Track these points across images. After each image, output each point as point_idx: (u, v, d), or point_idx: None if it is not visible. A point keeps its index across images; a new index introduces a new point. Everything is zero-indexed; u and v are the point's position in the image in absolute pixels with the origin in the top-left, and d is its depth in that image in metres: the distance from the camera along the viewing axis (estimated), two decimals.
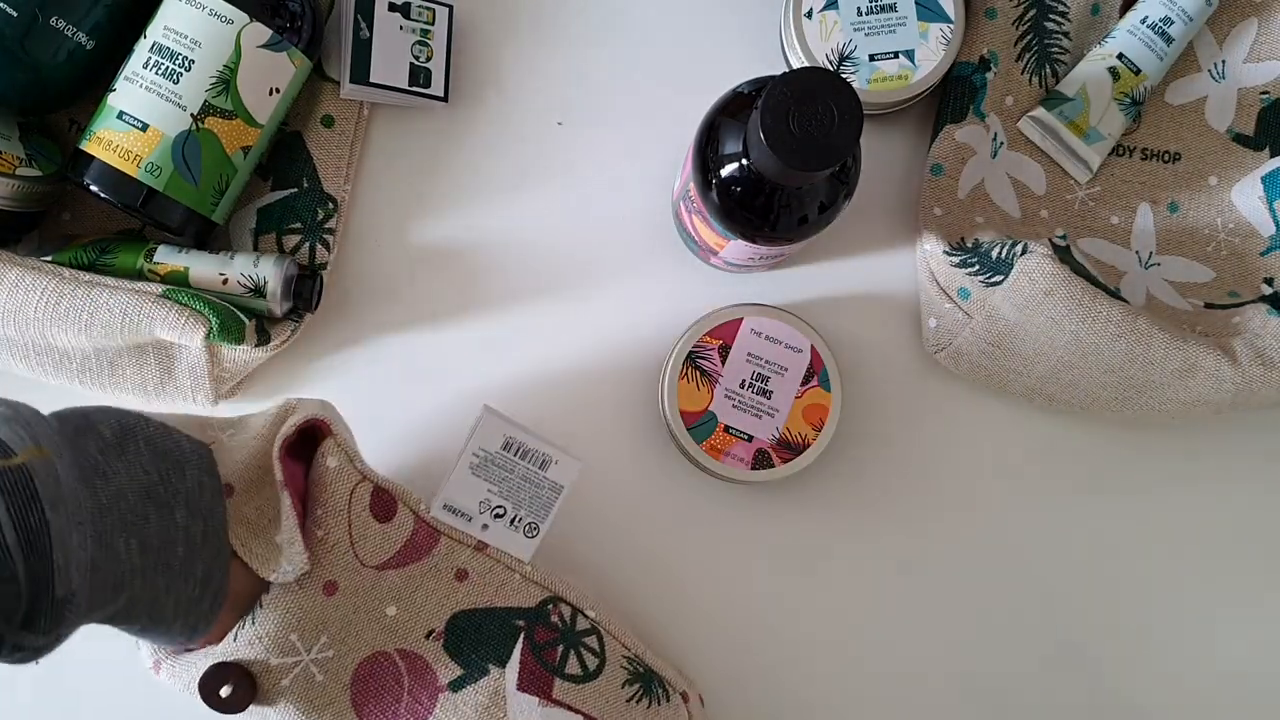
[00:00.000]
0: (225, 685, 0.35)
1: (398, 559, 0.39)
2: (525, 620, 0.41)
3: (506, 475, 0.42)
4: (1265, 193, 0.53)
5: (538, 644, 0.41)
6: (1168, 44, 0.52)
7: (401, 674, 0.39)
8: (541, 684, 0.41)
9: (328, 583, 0.37)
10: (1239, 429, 0.54)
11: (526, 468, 0.42)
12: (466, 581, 0.40)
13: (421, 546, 0.39)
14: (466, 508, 0.41)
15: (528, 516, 0.42)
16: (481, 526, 0.41)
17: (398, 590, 0.39)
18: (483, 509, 0.41)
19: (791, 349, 0.50)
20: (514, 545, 0.41)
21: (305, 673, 0.36)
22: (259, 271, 0.49)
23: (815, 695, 0.52)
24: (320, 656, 0.37)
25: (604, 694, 0.41)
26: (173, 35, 0.46)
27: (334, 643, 0.37)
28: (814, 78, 0.38)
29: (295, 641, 0.36)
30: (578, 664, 0.41)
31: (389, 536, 0.38)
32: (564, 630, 0.42)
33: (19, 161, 0.47)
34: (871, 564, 0.53)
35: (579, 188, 0.54)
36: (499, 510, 0.41)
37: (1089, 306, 0.47)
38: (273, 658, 0.36)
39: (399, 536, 0.39)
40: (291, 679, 0.36)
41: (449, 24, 0.53)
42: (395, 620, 0.38)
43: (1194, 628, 0.53)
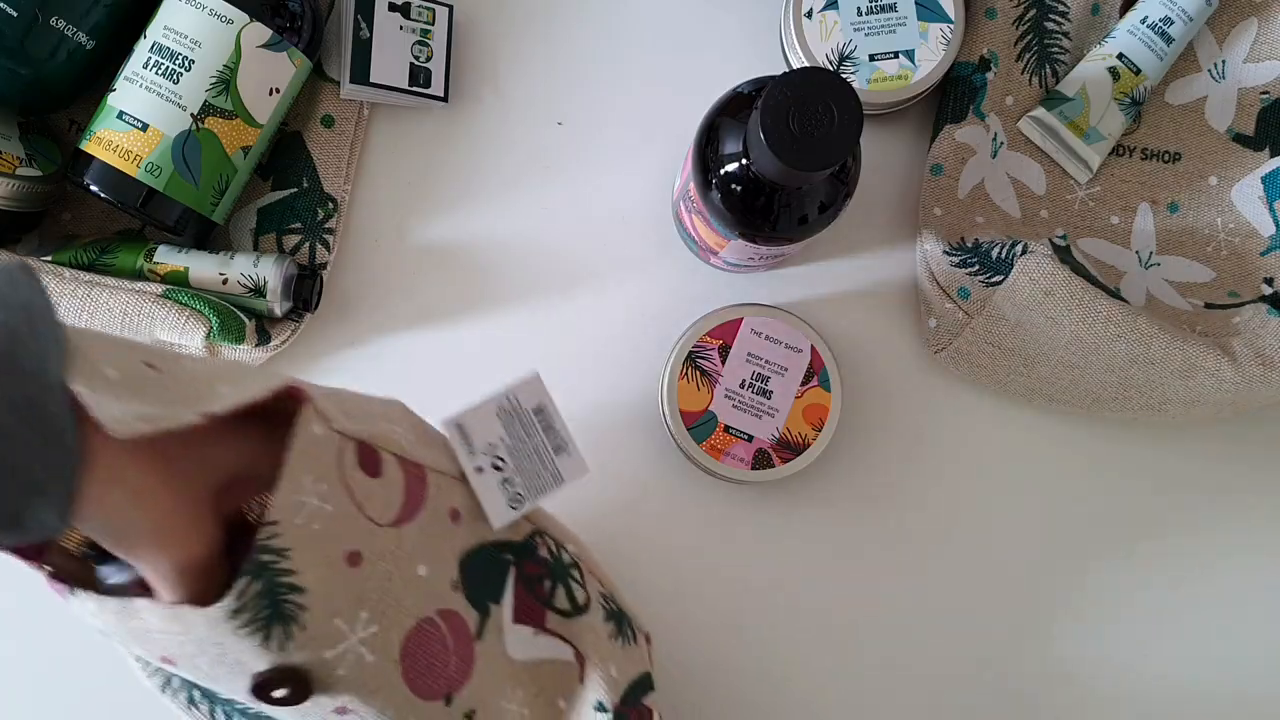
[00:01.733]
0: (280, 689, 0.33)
1: (406, 511, 0.36)
2: (513, 554, 0.40)
3: (523, 438, 0.40)
4: (1265, 193, 0.53)
5: (528, 576, 0.40)
6: (1168, 44, 0.52)
7: (445, 636, 0.37)
8: (535, 615, 0.40)
9: (349, 554, 0.34)
10: (1239, 429, 0.54)
11: (543, 442, 0.41)
12: (460, 521, 0.39)
13: (418, 493, 0.37)
14: (475, 439, 0.39)
15: (520, 486, 0.40)
16: (476, 468, 0.39)
17: (420, 546, 0.37)
18: (487, 450, 0.40)
19: (791, 349, 0.50)
20: (494, 505, 0.40)
21: (356, 655, 0.34)
22: (259, 271, 0.49)
23: (815, 693, 0.52)
24: (366, 634, 0.34)
25: (589, 629, 0.41)
26: (173, 35, 0.46)
27: (376, 617, 0.35)
28: (814, 78, 0.38)
29: (340, 626, 0.34)
30: (566, 598, 0.41)
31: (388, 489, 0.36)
32: (552, 564, 0.41)
33: (19, 161, 0.47)
34: (871, 563, 0.53)
35: (579, 188, 0.54)
36: (499, 462, 0.40)
37: (1089, 306, 0.47)
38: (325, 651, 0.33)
39: (396, 487, 0.36)
40: (346, 668, 0.34)
41: (449, 24, 0.53)
42: (428, 579, 0.37)
43: (1194, 627, 0.53)
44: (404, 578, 0.36)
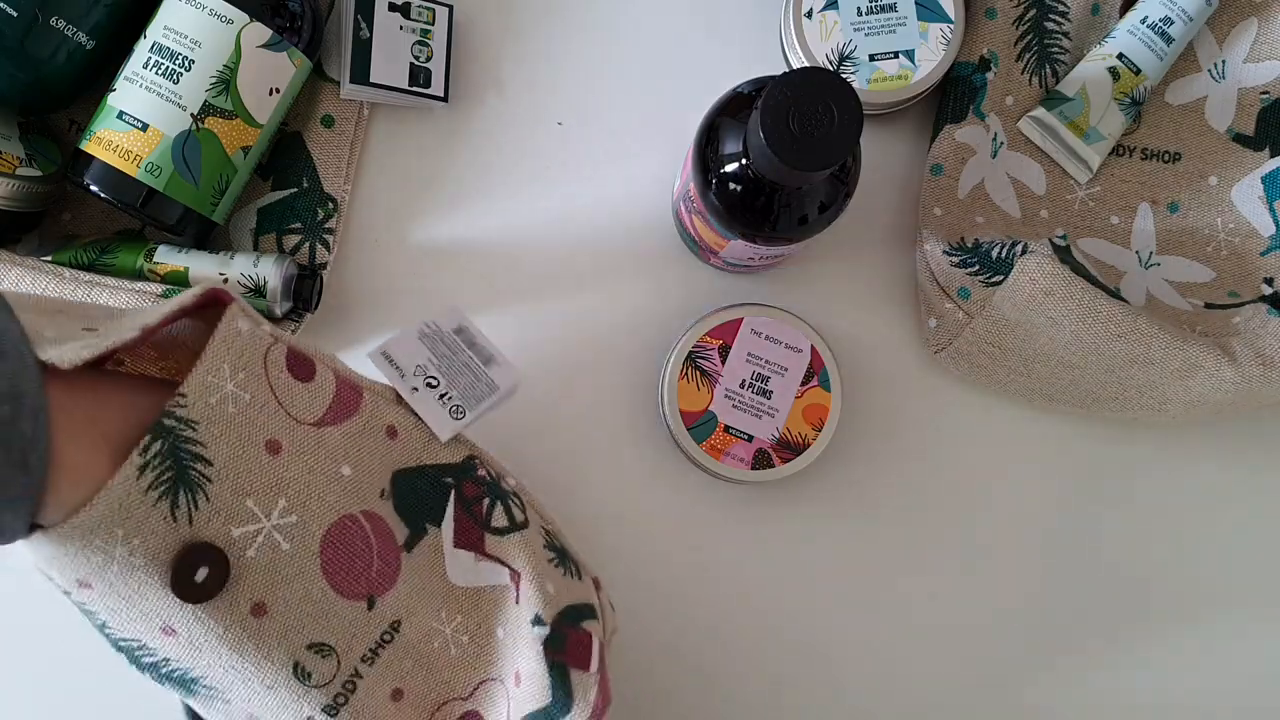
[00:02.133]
0: (200, 568, 0.33)
1: (331, 415, 0.37)
2: (453, 477, 0.41)
3: (450, 355, 0.41)
4: (1265, 193, 0.53)
5: (466, 499, 0.40)
6: (1168, 44, 0.52)
7: (369, 535, 0.38)
8: (473, 539, 0.40)
9: (269, 441, 0.35)
10: (1239, 429, 0.54)
11: (470, 357, 0.42)
12: (397, 439, 0.39)
13: (349, 403, 0.38)
14: (403, 364, 0.41)
15: (458, 398, 0.41)
16: (411, 389, 0.40)
17: (345, 449, 0.37)
18: (418, 372, 0.41)
19: (791, 349, 0.50)
20: (436, 419, 0.40)
21: (270, 541, 0.35)
22: (259, 271, 0.49)
23: (815, 693, 0.52)
24: (282, 522, 0.35)
25: (529, 545, 0.41)
26: (173, 35, 0.46)
27: (294, 507, 0.35)
28: (814, 78, 0.38)
29: (252, 507, 0.34)
30: (504, 515, 0.41)
31: (315, 394, 0.37)
32: (490, 484, 0.41)
33: (19, 161, 0.47)
34: (871, 564, 0.53)
35: (579, 188, 0.54)
36: (432, 380, 0.41)
37: (1089, 306, 0.47)
38: (232, 528, 0.34)
39: (325, 393, 0.37)
40: (256, 549, 0.34)
41: (449, 24, 0.53)
42: (353, 480, 0.37)
43: (1194, 627, 0.53)
44: (326, 474, 0.36)
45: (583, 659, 0.40)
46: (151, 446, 0.32)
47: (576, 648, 0.40)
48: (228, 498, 0.34)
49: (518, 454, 0.52)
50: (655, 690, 0.52)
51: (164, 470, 0.32)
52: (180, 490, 0.32)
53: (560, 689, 0.39)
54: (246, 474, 0.34)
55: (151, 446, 0.32)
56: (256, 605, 0.35)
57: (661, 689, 0.52)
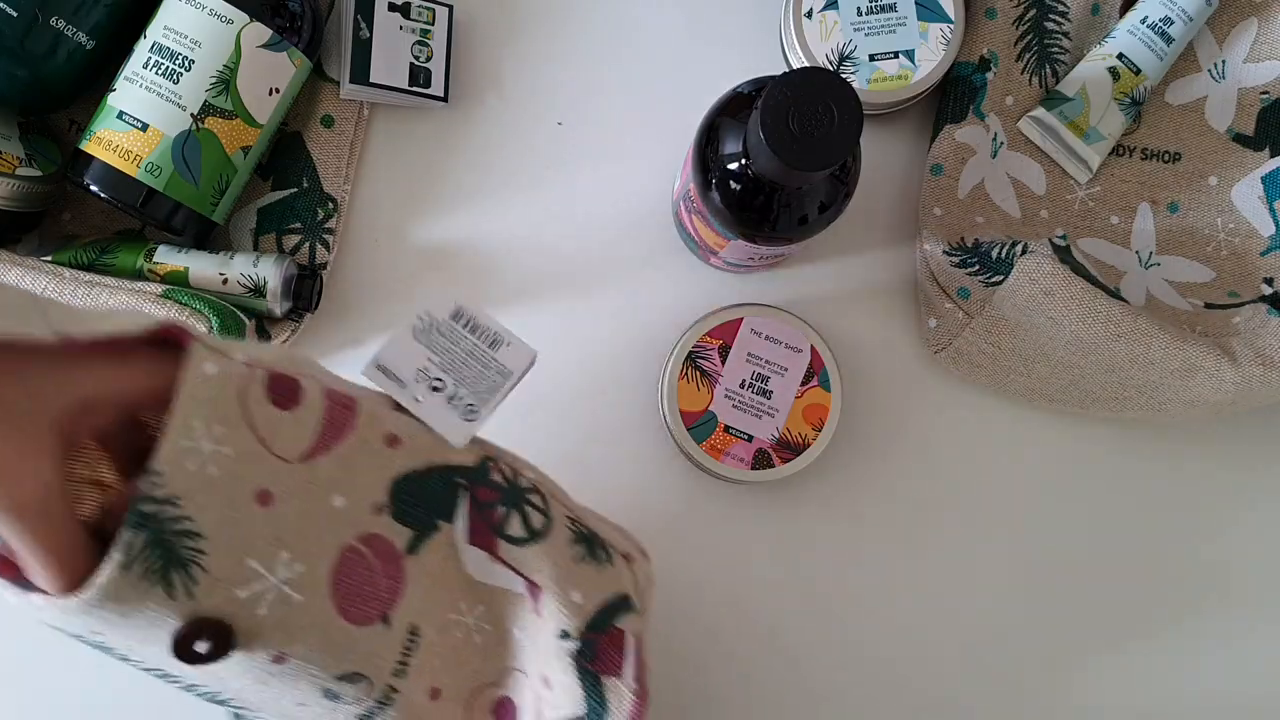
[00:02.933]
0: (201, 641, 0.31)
1: (322, 442, 0.34)
2: (466, 479, 0.38)
3: (451, 348, 0.38)
4: (1265, 193, 0.53)
5: (480, 503, 0.38)
6: (1168, 44, 0.52)
7: (369, 559, 0.36)
8: (487, 542, 0.38)
9: (258, 492, 0.32)
10: (1239, 429, 0.54)
11: (474, 343, 0.38)
12: (401, 446, 0.37)
13: (341, 422, 0.35)
14: (401, 372, 0.37)
15: (468, 397, 0.38)
16: (414, 399, 0.37)
17: (336, 477, 0.35)
18: (419, 378, 0.37)
19: (791, 349, 0.50)
20: (447, 425, 0.37)
21: (280, 596, 0.33)
22: (259, 271, 0.49)
23: (815, 693, 0.52)
24: (292, 575, 0.33)
25: (551, 555, 0.39)
26: (173, 35, 0.46)
27: (299, 557, 0.33)
28: (814, 78, 0.38)
29: (254, 566, 0.32)
30: (521, 524, 0.38)
31: (303, 421, 0.34)
32: (507, 489, 0.39)
33: (19, 161, 0.47)
34: (871, 563, 0.53)
35: (579, 188, 0.54)
36: (437, 383, 0.37)
37: (1089, 306, 0.46)
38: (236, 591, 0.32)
39: (313, 418, 0.34)
40: (268, 607, 0.33)
41: (449, 24, 0.53)
42: (345, 509, 0.35)
43: (1194, 627, 0.53)
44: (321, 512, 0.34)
45: (614, 663, 0.39)
46: (134, 540, 0.30)
47: (608, 652, 0.39)
48: (226, 564, 0.32)
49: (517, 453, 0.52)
50: (655, 690, 0.52)
51: (152, 560, 0.30)
52: (173, 572, 0.31)
53: (594, 698, 0.38)
54: (242, 535, 0.32)
55: (134, 540, 0.30)
56: (276, 657, 0.34)
57: (661, 688, 0.52)
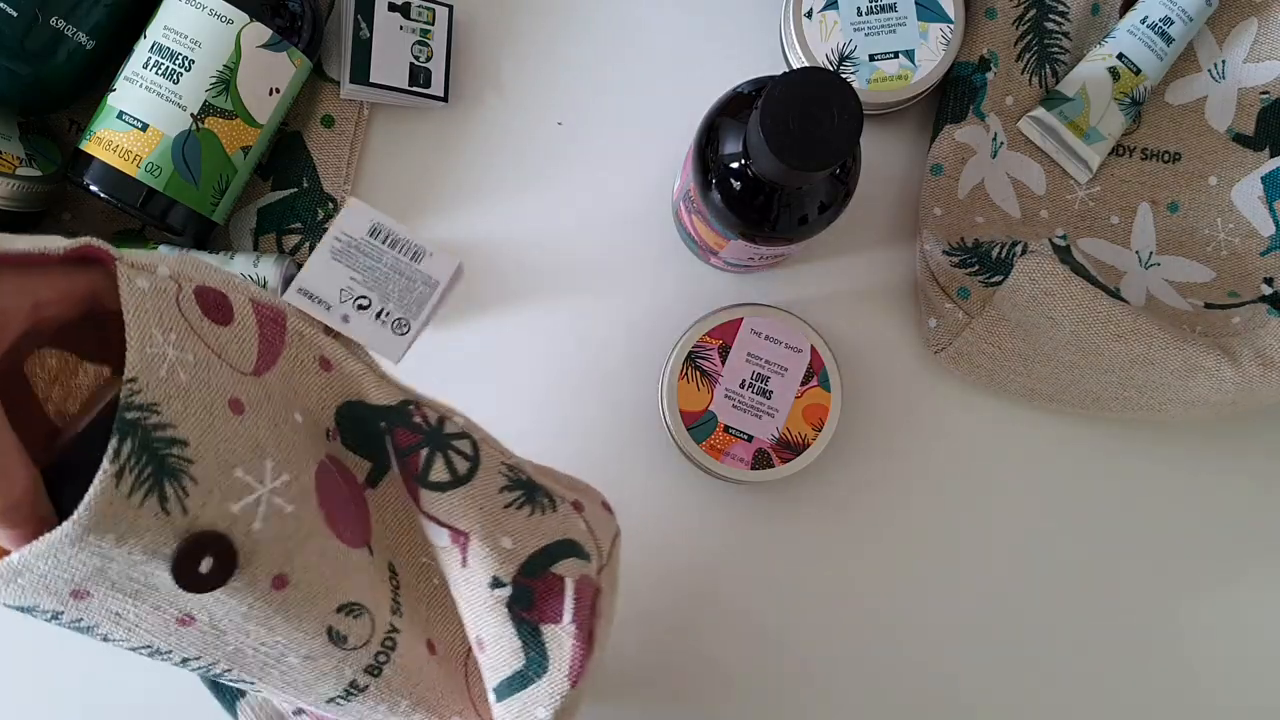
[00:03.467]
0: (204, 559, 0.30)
1: (264, 359, 0.33)
2: (385, 421, 0.36)
3: (373, 264, 0.37)
4: (1265, 193, 0.53)
5: (400, 449, 0.36)
6: (1168, 44, 0.52)
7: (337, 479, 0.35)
8: (412, 493, 0.36)
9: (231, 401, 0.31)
10: (1239, 429, 0.54)
11: (396, 257, 0.37)
12: (332, 370, 0.36)
13: (275, 339, 0.34)
14: (325, 295, 0.36)
15: (396, 311, 0.37)
16: (342, 318, 0.36)
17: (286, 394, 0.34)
18: (344, 298, 0.36)
19: (791, 349, 0.50)
20: (380, 342, 0.36)
21: (272, 507, 0.31)
22: (259, 271, 0.49)
23: (815, 693, 0.52)
24: (278, 484, 0.32)
25: (476, 500, 0.36)
26: (173, 35, 0.46)
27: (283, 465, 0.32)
28: (814, 78, 0.38)
29: (243, 477, 0.31)
30: (445, 468, 0.36)
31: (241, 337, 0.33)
32: (429, 432, 0.37)
33: (19, 161, 0.47)
34: (871, 563, 0.53)
35: (579, 188, 0.54)
36: (362, 301, 0.36)
37: (1089, 306, 0.46)
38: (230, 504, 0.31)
39: (249, 334, 0.33)
40: (262, 520, 0.31)
41: (449, 24, 0.53)
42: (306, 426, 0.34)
43: (1194, 627, 0.53)
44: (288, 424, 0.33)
45: (554, 610, 0.36)
46: (122, 448, 0.28)
47: (546, 599, 0.37)
48: (215, 474, 0.30)
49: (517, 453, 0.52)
50: (655, 689, 0.52)
51: (143, 468, 0.29)
52: (165, 481, 0.29)
53: (533, 649, 0.36)
54: (225, 443, 0.31)
55: (122, 448, 0.28)
56: (277, 578, 0.32)
57: (661, 688, 0.52)
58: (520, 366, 0.53)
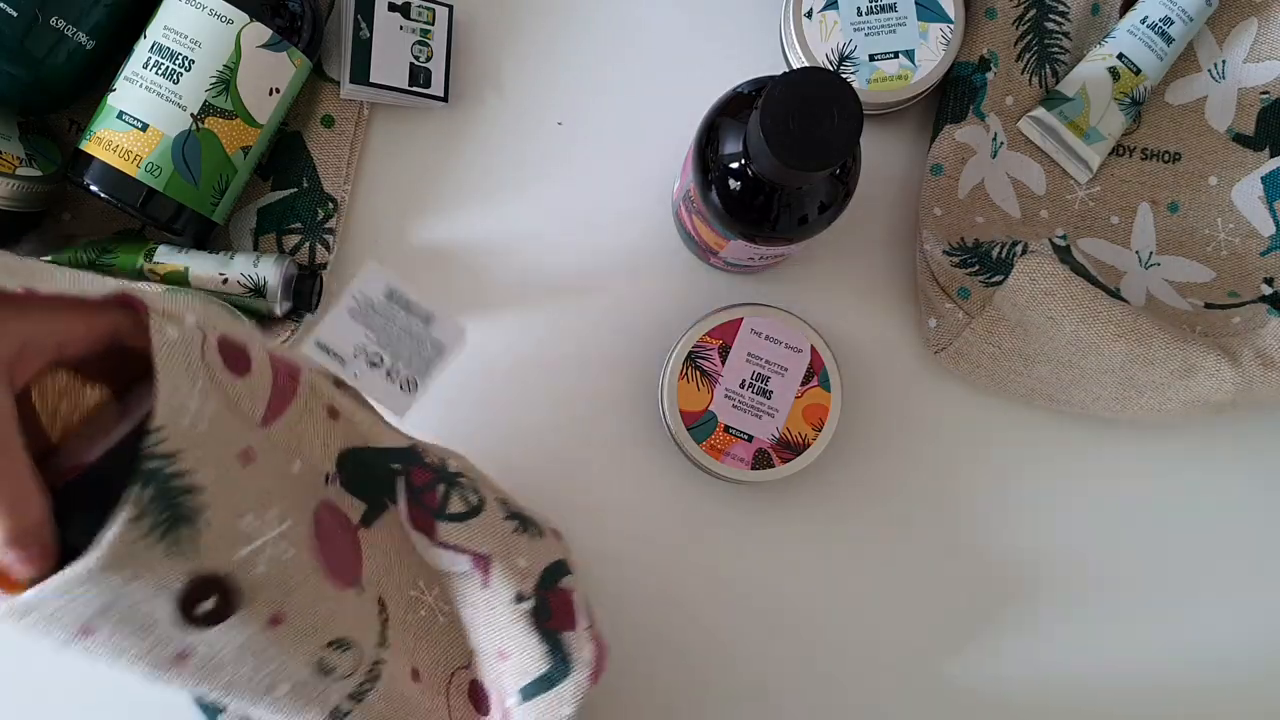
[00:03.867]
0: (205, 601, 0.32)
1: (273, 409, 0.35)
2: (401, 463, 0.39)
3: (386, 324, 0.40)
4: (1265, 193, 0.53)
5: (416, 487, 0.39)
6: (1168, 44, 0.52)
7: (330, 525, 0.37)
8: (426, 525, 0.39)
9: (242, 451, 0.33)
10: (1239, 429, 0.54)
11: (408, 319, 0.40)
12: (340, 419, 0.38)
13: (286, 388, 0.36)
14: (341, 350, 0.39)
15: (405, 371, 0.40)
16: (353, 375, 0.39)
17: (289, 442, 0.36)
18: (357, 354, 0.39)
19: (791, 349, 0.50)
20: (390, 398, 0.39)
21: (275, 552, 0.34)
22: (259, 271, 0.49)
23: (815, 693, 0.52)
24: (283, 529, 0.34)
25: (490, 527, 0.40)
26: (173, 35, 0.46)
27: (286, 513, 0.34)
28: (814, 78, 0.38)
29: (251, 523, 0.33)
30: (460, 500, 0.40)
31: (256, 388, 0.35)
32: (440, 470, 0.40)
33: (19, 161, 0.47)
34: (871, 563, 0.53)
35: (579, 188, 0.54)
36: (375, 359, 0.40)
37: (1089, 306, 0.46)
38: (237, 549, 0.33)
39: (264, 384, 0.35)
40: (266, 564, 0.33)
41: (449, 24, 0.53)
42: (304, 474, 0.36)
43: (1194, 627, 0.53)
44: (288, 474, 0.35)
45: (568, 618, 0.41)
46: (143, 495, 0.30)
47: (561, 609, 0.40)
48: (225, 520, 0.32)
49: (517, 454, 0.53)
50: (655, 689, 0.52)
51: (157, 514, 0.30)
52: (180, 526, 0.31)
53: (556, 653, 0.40)
54: (236, 491, 0.33)
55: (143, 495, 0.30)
56: (274, 616, 0.34)
57: (661, 688, 0.52)
58: (520, 366, 0.53)
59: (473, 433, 0.52)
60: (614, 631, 0.52)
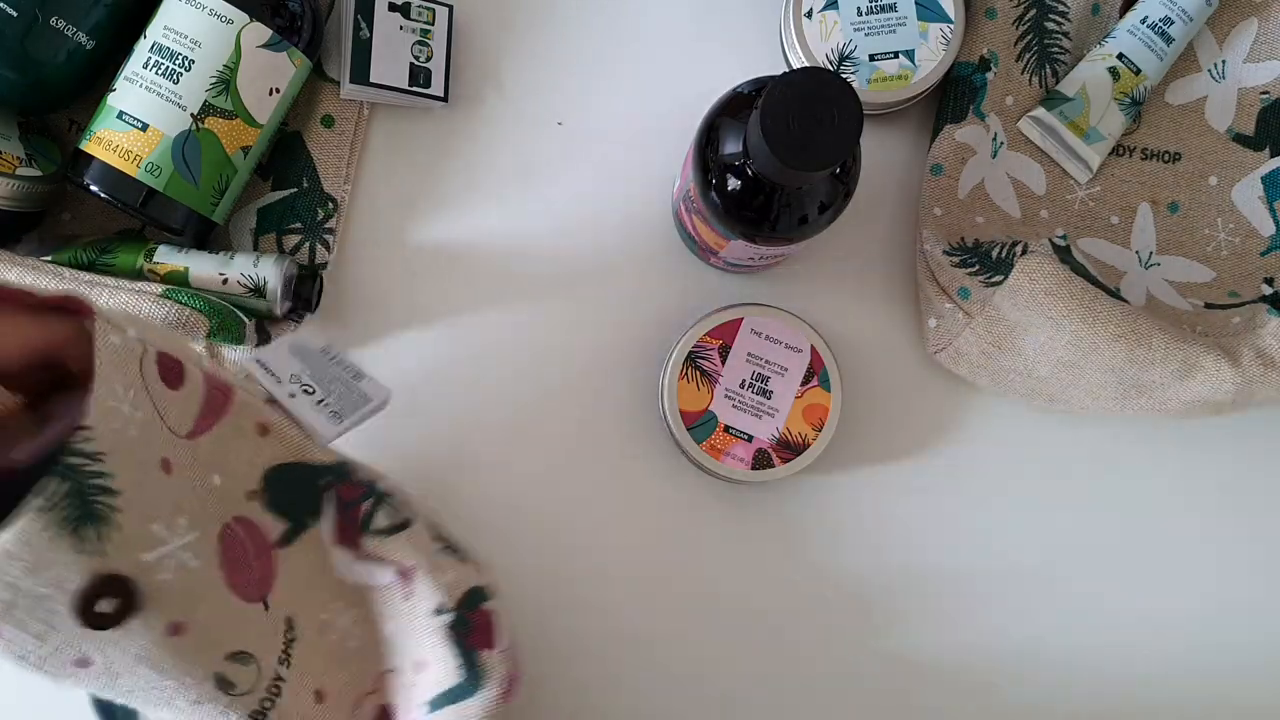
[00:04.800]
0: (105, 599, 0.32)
1: (202, 423, 0.36)
2: (332, 476, 0.40)
3: (322, 367, 0.42)
4: (1265, 193, 0.53)
5: (344, 501, 0.40)
6: (1168, 44, 0.52)
7: (243, 539, 0.38)
8: (351, 539, 0.40)
9: (163, 460, 0.34)
10: (1239, 429, 0.54)
11: (341, 371, 0.43)
12: (270, 435, 0.39)
13: (218, 404, 0.37)
14: (278, 370, 0.41)
15: (334, 405, 0.41)
16: (289, 394, 0.40)
17: (213, 456, 0.37)
18: (292, 380, 0.41)
19: (791, 349, 0.50)
20: (317, 422, 0.41)
21: (179, 561, 0.34)
22: (259, 271, 0.49)
23: (816, 692, 0.52)
24: (188, 540, 0.35)
25: (417, 543, 0.41)
26: (173, 35, 0.46)
27: (194, 524, 0.35)
28: (814, 78, 0.38)
29: (158, 530, 0.34)
30: (386, 516, 0.41)
31: (187, 401, 0.36)
32: (369, 486, 0.41)
33: (19, 161, 0.47)
34: (871, 563, 0.53)
35: (579, 188, 0.54)
36: (307, 388, 0.41)
37: (1089, 306, 0.47)
38: (142, 554, 0.33)
39: (195, 399, 0.36)
40: (170, 571, 0.34)
41: (449, 24, 0.53)
42: (223, 488, 0.37)
43: (1195, 627, 0.53)
44: (205, 486, 0.36)
45: (488, 637, 0.41)
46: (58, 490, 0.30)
47: (482, 628, 0.41)
48: (136, 524, 0.33)
49: (517, 453, 0.53)
50: (654, 689, 0.52)
51: (69, 509, 0.31)
52: (88, 524, 0.31)
53: (470, 670, 0.40)
54: (150, 498, 0.33)
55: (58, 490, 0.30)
56: (174, 624, 0.34)
57: (660, 688, 0.52)
58: (520, 366, 0.53)
59: (472, 432, 0.52)
60: (613, 631, 0.52)
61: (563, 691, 0.43)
